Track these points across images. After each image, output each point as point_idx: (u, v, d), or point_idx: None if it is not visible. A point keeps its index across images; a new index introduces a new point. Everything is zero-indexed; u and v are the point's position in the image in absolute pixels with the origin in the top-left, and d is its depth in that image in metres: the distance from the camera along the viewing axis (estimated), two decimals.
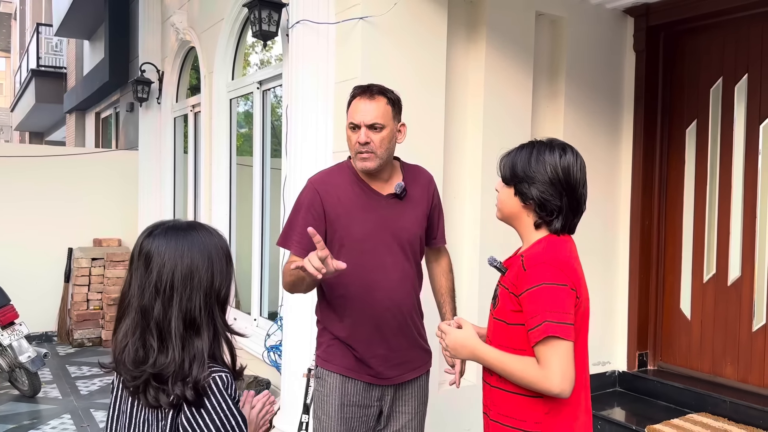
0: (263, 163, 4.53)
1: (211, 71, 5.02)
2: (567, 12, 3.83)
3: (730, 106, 3.81)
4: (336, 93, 3.28)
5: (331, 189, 2.18)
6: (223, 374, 1.30)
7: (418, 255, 2.29)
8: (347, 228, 2.14)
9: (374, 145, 2.09)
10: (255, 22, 3.54)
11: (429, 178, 2.33)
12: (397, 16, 3.17)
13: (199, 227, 1.40)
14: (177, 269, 1.31)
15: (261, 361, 4.07)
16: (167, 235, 1.35)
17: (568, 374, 1.52)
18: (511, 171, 1.70)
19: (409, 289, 2.23)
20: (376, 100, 2.12)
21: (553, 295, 1.54)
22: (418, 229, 2.24)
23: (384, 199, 2.18)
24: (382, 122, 2.11)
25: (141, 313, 1.32)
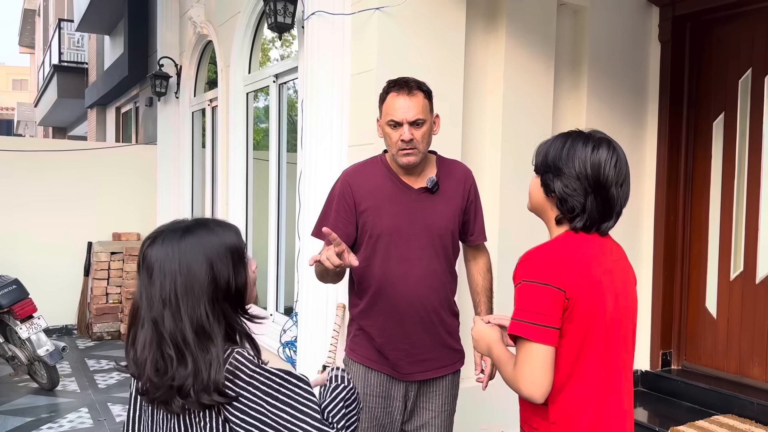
0: (279, 157, 4.49)
1: (228, 65, 4.99)
2: (589, 1, 3.72)
3: (759, 98, 3.68)
4: (352, 85, 3.22)
5: (363, 181, 2.21)
6: (238, 352, 1.28)
7: (450, 251, 2.24)
8: (376, 220, 2.16)
9: (417, 141, 2.10)
10: (270, 14, 3.50)
11: (466, 173, 2.29)
12: (415, 5, 3.10)
13: (200, 227, 1.36)
14: (177, 281, 1.29)
15: (276, 357, 4.03)
16: (165, 242, 1.32)
17: (537, 379, 1.44)
18: (542, 160, 1.59)
19: (435, 285, 2.20)
20: (416, 95, 2.11)
21: (529, 293, 1.46)
22: (450, 225, 2.21)
23: (415, 193, 2.18)
24: (423, 117, 2.11)
25: (153, 325, 1.29)
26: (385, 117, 2.14)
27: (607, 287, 1.52)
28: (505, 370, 1.54)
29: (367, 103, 3.10)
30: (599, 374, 1.53)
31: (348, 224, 2.19)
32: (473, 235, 2.32)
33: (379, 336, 2.19)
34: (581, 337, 1.49)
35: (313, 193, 3.31)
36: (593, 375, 1.52)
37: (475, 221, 2.31)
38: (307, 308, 3.36)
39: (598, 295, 1.51)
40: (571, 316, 1.47)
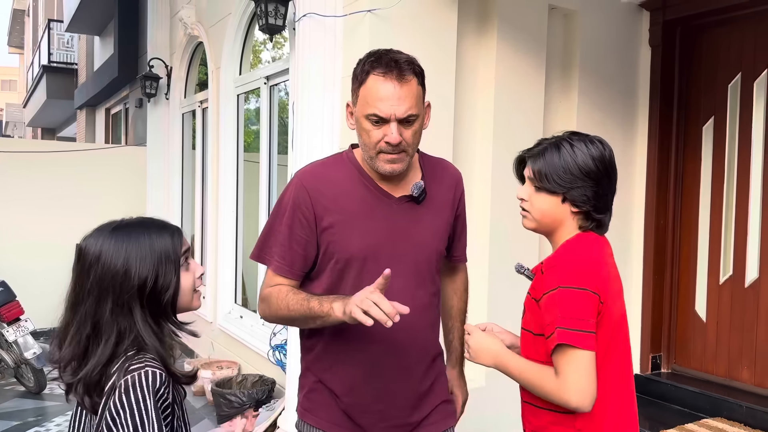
0: (270, 159, 4.48)
1: (218, 66, 4.97)
2: (580, 5, 3.74)
3: (749, 103, 3.71)
4: (343, 88, 3.21)
5: (325, 187, 1.64)
6: (149, 370, 1.22)
7: (437, 277, 1.76)
8: (344, 240, 1.62)
9: (406, 143, 1.58)
10: (262, 16, 3.48)
11: (457, 178, 1.80)
12: (406, 8, 3.09)
13: (137, 225, 1.33)
14: (93, 273, 1.27)
15: (266, 360, 4.01)
16: (95, 235, 1.32)
17: (586, 387, 1.39)
18: (555, 178, 1.50)
19: (424, 325, 1.70)
20: (408, 82, 1.56)
21: (569, 299, 1.40)
22: (439, 243, 1.73)
23: (396, 203, 1.65)
24: (416, 112, 1.58)
25: (72, 316, 1.29)
26: (364, 107, 1.58)
27: (615, 286, 1.52)
28: (539, 382, 1.46)
29: None
30: (621, 377, 1.52)
31: (306, 245, 1.63)
32: (456, 254, 1.86)
33: (346, 394, 1.66)
34: (608, 340, 1.47)
35: None
36: (616, 378, 1.50)
37: (461, 238, 1.86)
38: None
39: (618, 297, 1.51)
40: (602, 320, 1.45)
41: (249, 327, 4.57)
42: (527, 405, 1.57)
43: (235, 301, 5.05)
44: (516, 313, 2.06)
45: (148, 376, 1.21)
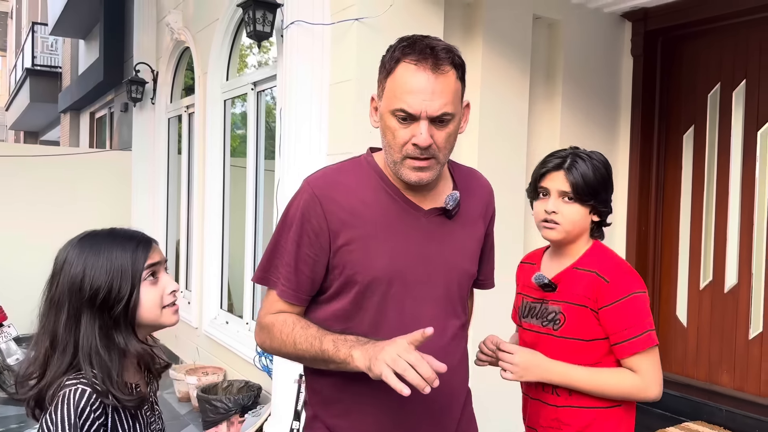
0: (257, 164, 4.49)
1: (205, 72, 4.97)
2: (564, 15, 3.80)
3: (728, 112, 3.79)
4: (330, 94, 3.24)
5: (341, 196, 1.39)
6: (79, 387, 1.23)
7: (467, 304, 1.56)
8: (366, 259, 1.37)
9: (436, 148, 1.34)
10: (249, 23, 3.50)
11: (489, 191, 1.58)
12: (393, 17, 3.13)
13: (105, 236, 1.35)
14: (59, 281, 1.31)
15: (252, 366, 4.02)
16: (67, 244, 1.35)
17: (661, 378, 1.60)
18: (589, 188, 1.61)
19: (456, 362, 1.45)
20: (445, 74, 1.32)
21: (645, 304, 1.58)
22: (471, 265, 1.50)
23: (425, 216, 1.42)
24: (453, 111, 1.33)
25: (39, 324, 1.32)
26: (390, 101, 1.33)
27: None
28: (617, 383, 1.59)
29: (345, 112, 3.13)
30: None
31: (313, 266, 1.39)
32: (482, 278, 1.61)
33: None
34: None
35: None
36: None
37: (488, 259, 1.62)
38: None
39: None
40: None
41: (235, 333, 4.57)
42: (568, 409, 1.63)
43: (220, 306, 5.05)
44: (501, 322, 2.10)
45: (76, 394, 1.21)
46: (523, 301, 1.77)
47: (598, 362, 1.60)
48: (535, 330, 1.69)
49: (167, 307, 1.35)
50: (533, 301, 1.72)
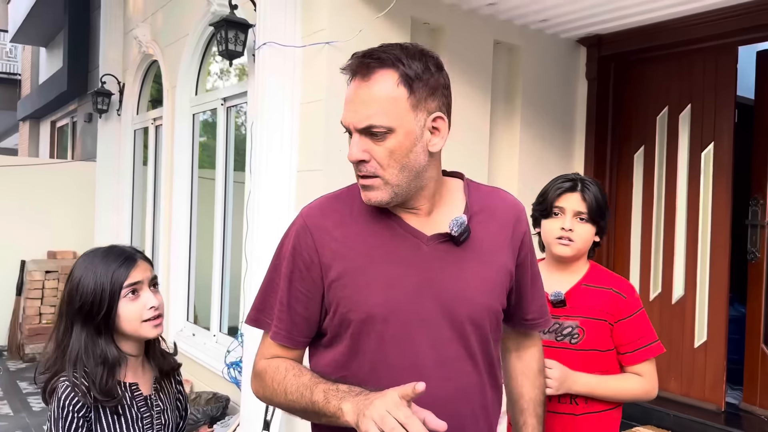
0: (226, 178, 4.56)
1: (174, 85, 5.03)
2: (523, 41, 4.01)
3: (675, 134, 4.04)
4: (301, 113, 3.36)
5: (335, 225, 1.27)
6: (65, 384, 1.46)
7: (491, 346, 1.30)
8: (357, 295, 1.23)
9: (374, 166, 1.19)
10: (222, 42, 3.60)
11: (516, 212, 1.35)
12: (362, 40, 3.26)
13: (101, 253, 1.55)
14: (65, 291, 1.55)
15: (221, 378, 4.07)
16: (78, 260, 1.59)
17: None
18: (599, 210, 1.78)
19: (471, 415, 1.26)
20: (371, 79, 1.17)
21: (646, 317, 1.79)
22: (490, 299, 1.28)
23: (428, 244, 1.25)
24: (386, 122, 1.17)
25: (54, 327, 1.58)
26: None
27: None
28: (631, 388, 1.78)
29: (316, 130, 3.25)
30: None
31: (309, 303, 1.27)
32: (528, 317, 1.39)
33: None
34: None
35: (263, 216, 3.41)
36: None
37: (532, 294, 1.38)
38: (253, 328, 3.43)
39: None
40: None
41: (201, 345, 4.61)
42: (586, 416, 1.78)
43: (187, 318, 5.08)
44: None
45: (61, 391, 1.45)
46: None
47: (607, 370, 1.77)
48: (547, 345, 1.75)
49: (147, 321, 1.52)
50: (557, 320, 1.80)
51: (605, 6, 3.60)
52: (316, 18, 3.27)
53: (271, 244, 3.35)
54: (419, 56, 1.20)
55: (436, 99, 1.20)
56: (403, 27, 3.43)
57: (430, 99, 1.20)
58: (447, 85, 1.24)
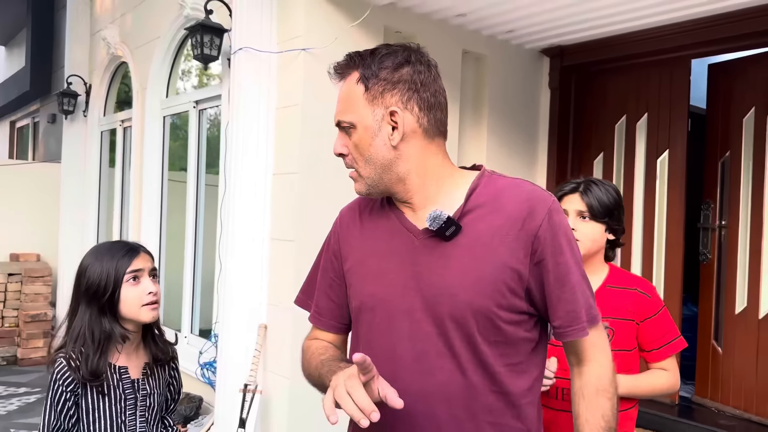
0: (198, 181, 4.59)
1: (144, 87, 5.03)
2: (490, 51, 4.16)
3: (632, 142, 4.25)
4: (277, 117, 3.44)
5: (358, 220, 1.37)
6: (60, 361, 1.65)
7: (483, 347, 1.21)
8: (357, 284, 1.33)
9: (351, 158, 1.28)
10: (197, 46, 3.65)
11: (530, 206, 1.22)
12: (337, 48, 3.36)
13: (108, 247, 1.75)
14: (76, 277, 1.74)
15: (193, 379, 4.10)
16: (88, 251, 1.78)
17: None
18: (603, 208, 1.83)
19: (454, 419, 1.21)
20: (342, 79, 1.28)
21: (669, 314, 1.89)
22: (478, 297, 1.20)
23: (418, 238, 1.26)
24: (348, 118, 1.25)
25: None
26: None
27: None
28: (660, 384, 1.86)
29: (292, 135, 3.33)
30: None
31: (338, 290, 1.38)
32: (555, 323, 1.24)
33: None
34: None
35: (238, 218, 3.47)
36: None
37: (559, 297, 1.22)
38: (228, 329, 3.49)
39: None
40: None
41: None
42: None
43: None
44: None
45: (58, 363, 1.63)
46: None
47: (629, 370, 1.82)
48: None
49: (145, 306, 1.69)
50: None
51: (567, 19, 3.78)
52: (292, 25, 3.36)
53: (246, 245, 3.43)
54: (383, 55, 1.24)
55: (395, 94, 1.22)
56: (376, 35, 3.54)
57: (388, 94, 1.22)
58: (413, 80, 1.23)
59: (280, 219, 3.38)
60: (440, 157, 1.29)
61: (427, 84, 1.25)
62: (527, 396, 1.24)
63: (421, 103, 1.24)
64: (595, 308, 1.25)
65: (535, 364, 1.27)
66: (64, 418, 1.62)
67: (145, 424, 1.72)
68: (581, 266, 1.25)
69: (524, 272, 1.21)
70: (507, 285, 1.20)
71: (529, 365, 1.25)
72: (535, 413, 1.26)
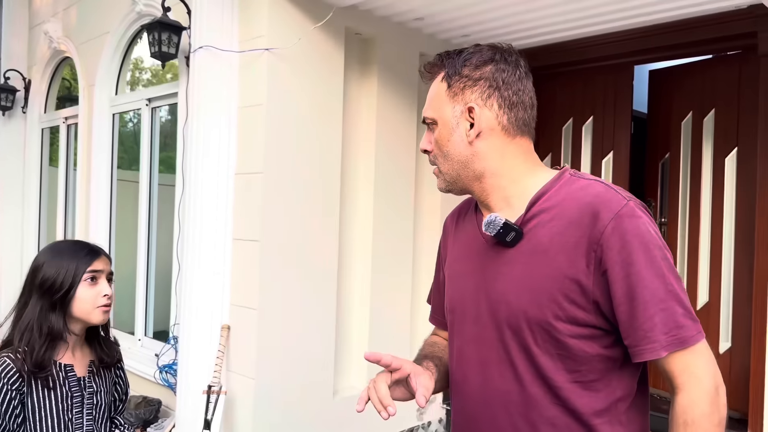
0: (151, 180, 4.50)
1: (92, 84, 4.89)
2: None
3: (578, 143, 4.46)
4: (240, 116, 3.43)
5: (454, 222, 1.42)
6: (4, 359, 1.61)
7: (542, 359, 1.16)
8: (448, 286, 1.38)
9: (433, 155, 1.30)
10: (155, 44, 3.59)
11: (594, 211, 1.14)
12: (300, 49, 3.39)
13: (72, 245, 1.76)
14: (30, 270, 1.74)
15: (149, 382, 4.04)
16: (44, 247, 1.79)
17: None
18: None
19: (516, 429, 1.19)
20: (430, 78, 1.32)
21: None
22: (532, 307, 1.16)
23: (489, 243, 1.25)
24: (431, 114, 1.29)
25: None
26: None
27: None
28: None
29: (256, 134, 3.33)
30: None
31: (443, 290, 1.43)
32: (627, 341, 1.13)
33: None
34: None
35: (198, 217, 3.44)
36: None
37: (630, 312, 1.10)
38: (189, 331, 3.46)
39: None
40: None
41: (126, 349, 4.50)
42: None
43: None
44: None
45: (2, 362, 1.60)
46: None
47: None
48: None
49: (99, 308, 1.70)
50: None
51: (519, 25, 3.92)
52: (254, 25, 3.36)
53: (207, 245, 3.41)
54: (469, 53, 1.26)
55: (475, 91, 1.23)
56: (337, 37, 3.58)
57: (468, 91, 1.23)
58: (494, 78, 1.23)
59: (244, 219, 3.38)
60: (521, 157, 1.25)
61: (510, 83, 1.24)
62: (603, 416, 1.14)
63: (501, 101, 1.23)
64: (687, 328, 1.09)
65: (619, 384, 1.15)
66: (9, 417, 1.58)
67: (92, 422, 1.72)
68: (666, 279, 1.09)
69: (587, 283, 1.12)
70: (566, 296, 1.12)
71: (608, 384, 1.15)
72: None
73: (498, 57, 1.25)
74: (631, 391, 1.18)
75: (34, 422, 1.62)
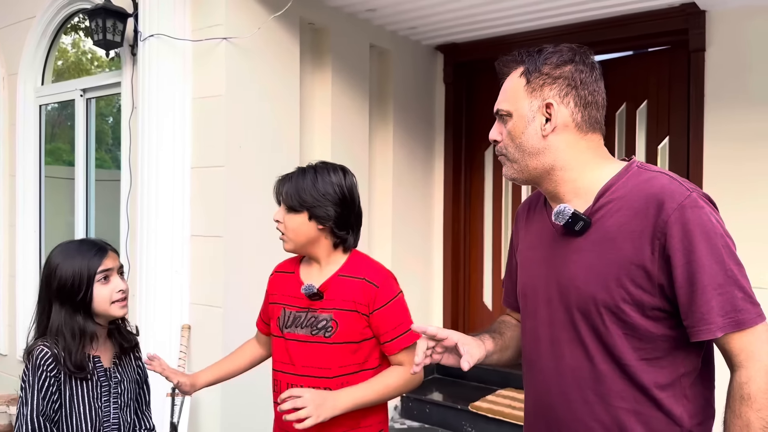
0: (87, 175, 4.27)
1: (13, 73, 4.55)
2: (392, 45, 4.33)
3: None
4: (194, 108, 3.33)
5: (526, 212, 1.52)
6: (42, 347, 1.68)
7: (613, 339, 1.25)
8: (520, 272, 1.49)
9: (502, 144, 1.38)
10: (98, 31, 3.40)
11: (658, 200, 1.22)
12: (259, 38, 3.33)
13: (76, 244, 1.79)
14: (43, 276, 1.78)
15: None
16: (53, 250, 1.81)
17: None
18: (299, 198, 1.73)
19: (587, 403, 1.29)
20: (507, 74, 1.39)
21: (405, 302, 1.78)
22: (600, 291, 1.25)
23: (558, 232, 1.35)
24: (507, 107, 1.36)
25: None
26: None
27: None
28: (393, 385, 1.77)
29: (215, 126, 3.24)
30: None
31: (515, 275, 1.53)
32: (686, 322, 1.21)
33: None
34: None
35: (153, 215, 3.31)
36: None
37: (690, 295, 1.19)
38: (149, 332, 3.33)
39: None
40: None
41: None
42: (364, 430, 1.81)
43: None
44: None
45: (40, 350, 1.67)
46: (285, 311, 1.81)
47: (366, 360, 1.74)
48: (302, 339, 1.75)
49: (115, 303, 1.77)
50: (298, 311, 1.77)
51: (462, 19, 4.05)
52: (211, 13, 3.26)
53: (164, 242, 3.29)
54: (549, 52, 1.33)
55: (554, 89, 1.30)
56: (293, 27, 3.54)
57: (547, 88, 1.31)
58: (573, 78, 1.31)
59: (204, 215, 3.29)
60: (591, 153, 1.33)
61: (586, 83, 1.31)
62: (667, 390, 1.24)
63: (577, 100, 1.31)
64: (746, 311, 1.16)
65: (684, 361, 1.25)
66: (47, 403, 1.65)
67: (118, 410, 1.80)
68: (726, 265, 1.17)
69: (652, 269, 1.21)
70: (633, 281, 1.22)
71: (673, 361, 1.24)
72: (680, 409, 1.24)
73: (578, 58, 1.33)
74: (695, 367, 1.26)
75: (68, 408, 1.70)
